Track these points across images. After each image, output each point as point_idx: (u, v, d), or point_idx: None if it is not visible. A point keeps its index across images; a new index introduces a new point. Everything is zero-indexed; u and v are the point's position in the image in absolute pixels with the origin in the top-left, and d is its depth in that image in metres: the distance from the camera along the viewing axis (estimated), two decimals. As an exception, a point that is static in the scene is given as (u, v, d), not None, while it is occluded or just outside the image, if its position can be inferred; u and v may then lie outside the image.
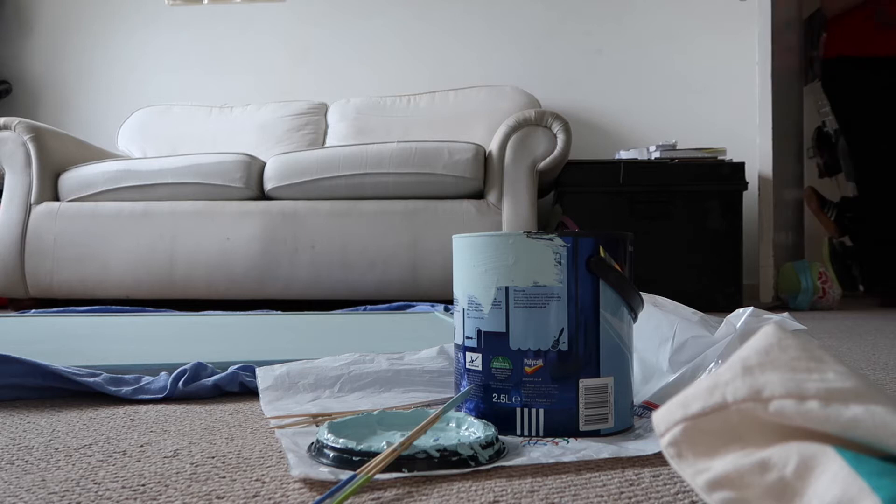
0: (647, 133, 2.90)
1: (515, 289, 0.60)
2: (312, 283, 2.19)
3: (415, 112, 2.83)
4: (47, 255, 2.24)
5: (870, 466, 0.27)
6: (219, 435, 0.64)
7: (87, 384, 0.79)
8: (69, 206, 2.28)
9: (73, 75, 3.22)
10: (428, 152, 2.20)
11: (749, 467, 0.30)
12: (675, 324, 0.71)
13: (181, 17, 3.19)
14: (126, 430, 0.66)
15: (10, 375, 0.79)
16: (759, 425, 0.31)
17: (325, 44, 3.13)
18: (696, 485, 0.32)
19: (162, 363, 0.89)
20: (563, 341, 0.60)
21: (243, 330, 1.37)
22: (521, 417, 0.60)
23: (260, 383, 0.79)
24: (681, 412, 0.32)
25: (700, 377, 0.66)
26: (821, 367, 0.31)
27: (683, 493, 0.47)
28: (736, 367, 0.32)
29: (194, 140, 2.84)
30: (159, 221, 2.23)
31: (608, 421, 0.61)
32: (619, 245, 0.63)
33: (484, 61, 3.03)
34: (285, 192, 2.26)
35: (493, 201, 2.20)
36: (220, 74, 3.16)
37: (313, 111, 2.90)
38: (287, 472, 0.52)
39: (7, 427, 0.67)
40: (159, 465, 0.54)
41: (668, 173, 2.36)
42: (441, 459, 0.51)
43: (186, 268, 2.21)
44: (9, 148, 2.30)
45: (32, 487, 0.49)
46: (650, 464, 0.54)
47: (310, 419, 0.66)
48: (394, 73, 3.07)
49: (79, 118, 3.19)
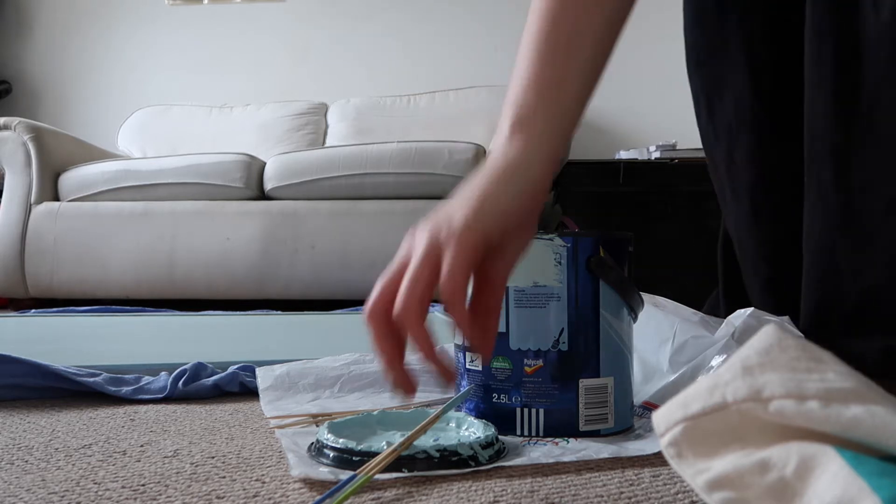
0: (647, 133, 2.90)
1: (515, 289, 0.60)
2: (312, 283, 2.19)
3: (415, 112, 2.83)
4: (47, 255, 2.23)
5: (870, 466, 0.27)
6: (219, 435, 0.64)
7: (87, 384, 0.79)
8: (69, 206, 2.27)
9: (73, 75, 3.22)
10: (428, 152, 2.20)
11: (749, 467, 0.30)
12: (675, 324, 0.71)
13: (181, 17, 3.19)
14: (126, 430, 0.65)
15: (10, 375, 0.79)
16: (759, 425, 0.31)
17: (325, 44, 3.13)
18: (696, 485, 0.32)
19: (162, 363, 0.89)
20: (563, 341, 0.60)
21: (243, 330, 1.37)
22: (521, 417, 0.60)
23: (260, 383, 0.79)
24: (681, 412, 0.32)
25: (700, 377, 0.66)
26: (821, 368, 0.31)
27: (683, 493, 0.47)
28: (736, 367, 0.32)
29: (194, 140, 2.84)
30: (159, 221, 2.23)
31: (608, 421, 0.61)
32: (620, 245, 0.63)
33: (484, 61, 3.03)
34: (285, 192, 2.25)
35: (493, 201, 2.20)
36: (220, 74, 3.16)
37: (313, 111, 2.90)
38: (287, 472, 0.52)
39: (7, 427, 0.67)
40: (159, 465, 0.54)
41: (668, 173, 2.36)
42: (441, 459, 0.51)
43: (186, 268, 2.21)
44: (9, 148, 2.29)
45: (32, 487, 0.49)
46: (650, 464, 0.54)
47: (310, 419, 0.66)
48: (394, 73, 3.07)
49: (79, 118, 3.19)
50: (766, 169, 0.83)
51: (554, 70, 0.55)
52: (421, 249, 0.45)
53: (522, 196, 0.49)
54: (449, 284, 0.43)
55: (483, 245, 0.46)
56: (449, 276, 0.43)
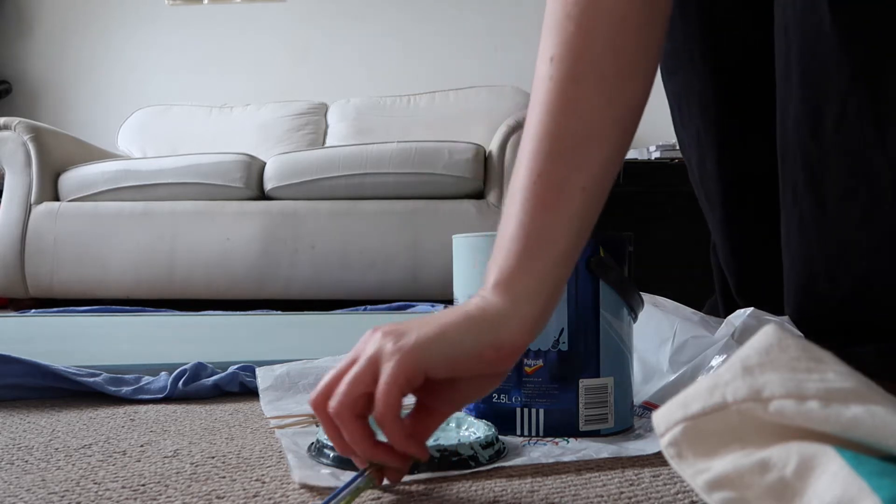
0: (647, 133, 2.90)
1: (515, 289, 0.60)
2: (312, 283, 2.19)
3: (415, 112, 2.83)
4: (47, 255, 2.23)
5: (870, 466, 0.27)
6: (219, 435, 0.64)
7: (87, 384, 0.79)
8: (69, 206, 2.27)
9: (73, 75, 3.22)
10: (428, 152, 2.20)
11: (749, 467, 0.30)
12: (675, 324, 0.71)
13: (181, 17, 3.19)
14: (126, 430, 0.65)
15: (10, 375, 0.79)
16: (759, 425, 0.31)
17: (325, 44, 3.13)
18: (696, 485, 0.32)
19: (162, 363, 0.89)
20: (563, 341, 0.60)
21: (243, 330, 1.37)
22: (521, 417, 0.60)
23: (260, 383, 0.79)
24: (681, 412, 0.32)
25: (700, 377, 0.66)
26: (821, 367, 0.31)
27: (683, 493, 0.47)
28: (736, 367, 0.32)
29: (194, 140, 2.84)
30: (159, 221, 2.23)
31: (608, 421, 0.61)
32: (619, 245, 0.63)
33: (484, 61, 3.03)
34: (285, 192, 2.25)
35: (493, 201, 2.20)
36: (220, 74, 3.16)
37: (313, 111, 2.90)
38: (287, 472, 0.52)
39: (7, 427, 0.67)
40: (159, 465, 0.54)
41: (668, 173, 2.36)
42: (441, 459, 0.51)
43: (186, 268, 2.21)
44: (9, 148, 2.29)
45: (32, 487, 0.49)
46: (650, 464, 0.54)
47: (310, 419, 0.66)
48: (394, 73, 3.07)
49: (79, 118, 3.19)
50: (736, 177, 0.84)
51: (540, 228, 0.47)
52: (368, 353, 0.45)
53: (484, 350, 0.45)
54: (381, 399, 0.43)
55: (422, 376, 0.44)
56: (383, 391, 0.43)
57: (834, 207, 0.67)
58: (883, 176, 0.63)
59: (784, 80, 0.70)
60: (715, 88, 0.83)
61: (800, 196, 0.70)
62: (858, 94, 0.63)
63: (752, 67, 0.79)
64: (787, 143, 0.71)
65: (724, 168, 0.84)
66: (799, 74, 0.67)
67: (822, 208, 0.68)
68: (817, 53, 0.65)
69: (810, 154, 0.68)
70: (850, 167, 0.65)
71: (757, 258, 0.83)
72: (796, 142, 0.69)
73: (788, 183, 0.71)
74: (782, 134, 0.71)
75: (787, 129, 0.70)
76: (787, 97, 0.70)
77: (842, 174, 0.66)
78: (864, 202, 0.64)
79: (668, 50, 0.87)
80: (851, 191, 0.65)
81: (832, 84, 0.64)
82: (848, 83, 0.63)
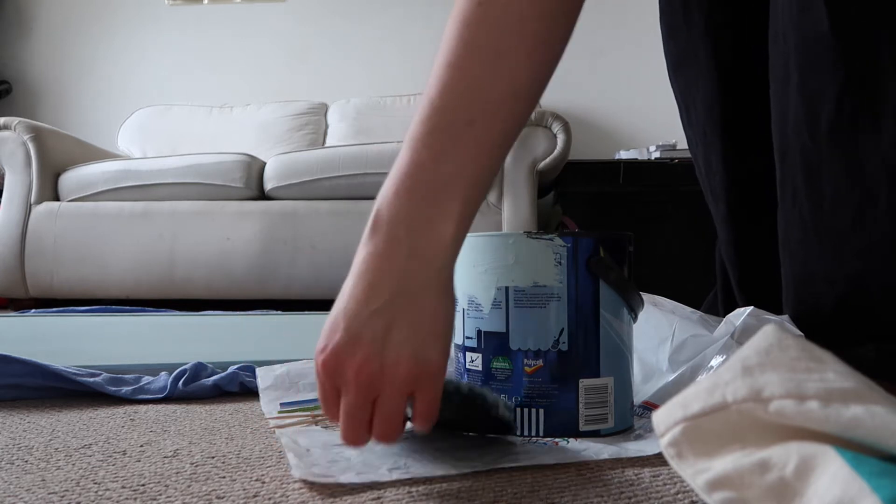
0: (647, 133, 2.90)
1: (515, 289, 0.60)
2: (312, 283, 2.19)
3: (415, 112, 2.83)
4: (47, 255, 2.23)
5: (870, 466, 0.27)
6: (219, 435, 0.64)
7: (87, 384, 0.79)
8: (69, 206, 2.27)
9: (73, 75, 3.22)
10: (428, 152, 2.20)
11: (749, 467, 0.30)
12: (675, 323, 0.71)
13: (181, 18, 3.19)
14: (126, 430, 0.66)
15: (10, 375, 0.79)
16: (759, 425, 0.31)
17: (325, 44, 3.13)
18: (696, 485, 0.32)
19: (162, 363, 0.89)
20: (563, 341, 0.60)
21: (243, 330, 1.37)
22: (521, 417, 0.60)
23: (260, 383, 0.79)
24: (681, 412, 0.33)
25: (700, 377, 0.66)
26: (821, 368, 0.31)
27: (683, 493, 0.47)
28: (736, 367, 0.32)
29: (194, 140, 2.84)
30: (159, 221, 2.23)
31: (608, 421, 0.61)
32: (620, 245, 0.63)
33: (484, 61, 3.02)
34: (285, 192, 2.25)
35: (493, 201, 2.20)
36: (220, 74, 3.16)
37: (313, 111, 2.90)
38: (287, 472, 0.52)
39: (7, 427, 0.67)
40: (159, 465, 0.54)
41: (668, 173, 2.36)
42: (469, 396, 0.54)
43: (186, 268, 2.21)
44: (9, 148, 2.29)
45: (32, 487, 0.49)
46: (650, 464, 0.54)
47: (310, 419, 0.66)
48: (394, 73, 3.07)
49: (79, 118, 3.19)
50: (740, 173, 0.85)
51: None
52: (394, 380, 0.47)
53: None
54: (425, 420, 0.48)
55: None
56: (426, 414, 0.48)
57: (830, 207, 0.67)
58: (877, 176, 0.63)
59: (782, 82, 0.70)
60: (720, 87, 0.83)
61: (799, 196, 0.70)
62: (853, 95, 0.63)
63: (755, 67, 0.79)
64: (786, 144, 0.71)
65: (729, 165, 0.85)
66: (797, 75, 0.68)
67: (819, 208, 0.68)
68: (814, 54, 0.65)
69: (809, 154, 0.68)
70: (845, 167, 0.65)
71: (759, 253, 0.83)
72: (795, 142, 0.69)
73: (788, 183, 0.71)
74: (781, 134, 0.72)
75: (786, 129, 0.70)
76: (785, 97, 0.70)
77: (837, 174, 0.66)
78: (858, 202, 0.65)
79: (674, 48, 0.88)
80: (846, 190, 0.65)
81: (828, 84, 0.65)
82: (843, 83, 0.64)
